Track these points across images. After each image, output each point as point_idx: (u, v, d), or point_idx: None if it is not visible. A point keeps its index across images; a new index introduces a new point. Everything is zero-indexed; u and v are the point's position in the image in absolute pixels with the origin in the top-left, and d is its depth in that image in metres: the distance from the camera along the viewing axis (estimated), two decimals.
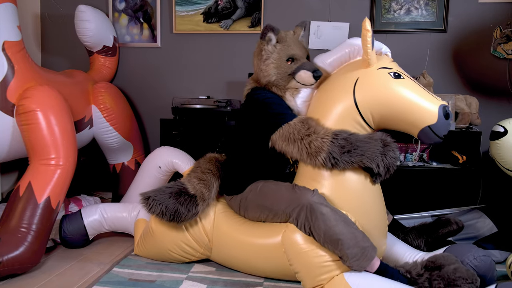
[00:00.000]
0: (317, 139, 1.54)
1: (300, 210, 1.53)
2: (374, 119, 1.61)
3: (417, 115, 1.52)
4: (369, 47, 1.54)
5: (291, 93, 1.76)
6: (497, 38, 2.55)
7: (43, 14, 3.05)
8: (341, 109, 1.62)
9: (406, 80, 1.58)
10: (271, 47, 1.74)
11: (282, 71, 1.72)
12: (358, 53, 1.69)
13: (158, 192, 1.75)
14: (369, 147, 1.52)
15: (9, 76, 1.88)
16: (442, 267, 1.47)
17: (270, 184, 1.71)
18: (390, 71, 1.58)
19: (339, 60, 1.72)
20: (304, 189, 1.59)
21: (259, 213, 1.71)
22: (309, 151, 1.56)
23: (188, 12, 2.85)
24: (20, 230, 1.70)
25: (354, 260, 1.45)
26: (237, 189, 1.78)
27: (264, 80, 1.76)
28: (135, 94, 3.00)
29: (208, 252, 1.82)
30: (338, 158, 1.52)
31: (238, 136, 1.82)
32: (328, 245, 1.48)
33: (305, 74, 1.70)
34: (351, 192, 1.59)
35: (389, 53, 1.75)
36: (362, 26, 1.54)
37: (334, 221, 1.47)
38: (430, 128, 1.51)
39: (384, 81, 1.57)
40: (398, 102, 1.54)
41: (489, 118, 2.49)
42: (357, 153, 1.51)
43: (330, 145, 1.52)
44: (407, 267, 1.51)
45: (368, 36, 1.52)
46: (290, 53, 1.73)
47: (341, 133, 1.55)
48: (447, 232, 1.83)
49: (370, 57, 1.57)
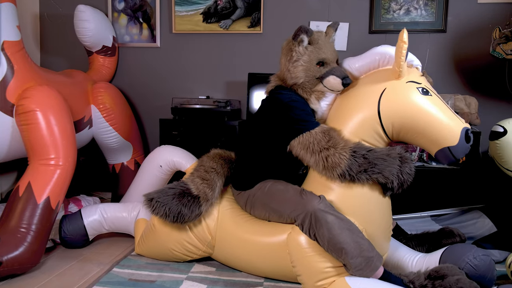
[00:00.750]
0: (335, 154, 1.52)
1: (305, 216, 1.52)
2: (394, 131, 1.59)
3: (439, 134, 1.50)
4: (402, 59, 1.50)
5: (316, 97, 1.71)
6: (496, 38, 2.55)
7: (42, 14, 3.04)
8: (363, 117, 1.59)
9: (434, 97, 1.55)
10: (302, 49, 1.67)
11: (310, 75, 1.67)
12: (389, 62, 1.64)
13: (161, 193, 1.75)
14: (387, 165, 1.50)
15: (8, 76, 1.87)
16: (445, 277, 1.46)
17: (279, 185, 1.69)
18: (419, 86, 1.56)
19: (368, 66, 1.68)
20: (311, 195, 1.57)
21: (264, 212, 1.70)
22: (326, 164, 1.54)
23: (187, 12, 2.85)
24: (19, 230, 1.69)
25: (357, 270, 1.45)
26: (246, 185, 1.76)
27: (291, 82, 1.70)
28: (135, 94, 3.00)
29: (210, 250, 1.82)
30: (354, 175, 1.51)
31: (254, 131, 1.78)
32: (332, 252, 1.48)
33: (335, 80, 1.64)
34: (360, 200, 1.58)
35: (419, 66, 1.71)
36: (398, 37, 1.49)
37: (338, 229, 1.46)
38: (450, 149, 1.50)
39: (411, 96, 1.54)
40: (423, 118, 1.52)
41: (488, 118, 2.50)
42: (374, 171, 1.50)
43: (348, 162, 1.51)
44: (410, 277, 1.50)
45: (403, 48, 1.49)
46: (321, 57, 1.67)
47: (360, 149, 1.52)
48: (450, 243, 1.81)
49: (401, 69, 1.53)
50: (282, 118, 1.65)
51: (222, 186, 1.85)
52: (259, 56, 2.82)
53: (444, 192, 2.31)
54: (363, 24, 2.70)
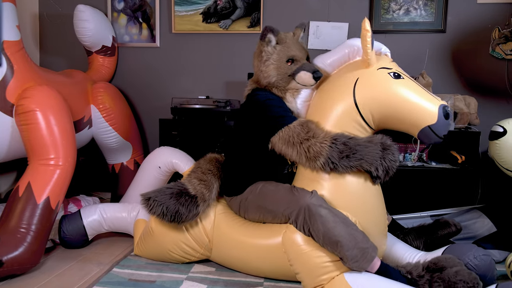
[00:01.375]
0: (316, 143, 1.54)
1: (299, 212, 1.53)
2: (374, 119, 1.62)
3: (417, 115, 1.52)
4: (368, 47, 1.55)
5: (291, 94, 1.76)
6: (496, 39, 2.55)
7: (41, 14, 3.04)
8: (341, 110, 1.62)
9: (406, 80, 1.58)
10: (271, 48, 1.73)
11: (282, 72, 1.72)
12: (358, 54, 1.68)
13: (158, 192, 1.75)
14: (368, 151, 1.52)
15: (8, 76, 1.87)
16: (443, 269, 1.46)
17: (270, 185, 1.70)
18: (390, 71, 1.59)
19: (339, 60, 1.72)
20: (303, 190, 1.59)
21: (258, 214, 1.71)
22: (308, 155, 1.56)
23: (187, 12, 2.85)
24: (19, 230, 1.69)
25: (354, 262, 1.45)
26: (237, 190, 1.78)
27: (264, 81, 1.75)
28: (134, 94, 3.00)
29: (208, 252, 1.81)
30: (337, 162, 1.53)
31: (237, 136, 1.82)
32: (328, 246, 1.48)
33: (305, 75, 1.69)
34: (351, 192, 1.59)
35: (388, 53, 1.75)
36: (361, 26, 1.54)
37: (333, 222, 1.47)
38: (430, 128, 1.51)
39: (384, 81, 1.57)
40: (398, 102, 1.55)
41: (488, 118, 2.50)
42: (356, 157, 1.52)
43: (329, 150, 1.52)
44: (408, 268, 1.51)
45: (367, 36, 1.53)
46: (290, 54, 1.72)
47: (340, 137, 1.54)
48: (446, 233, 1.84)
49: (369, 57, 1.57)
50: (260, 117, 1.69)
51: (219, 188, 1.86)
52: None
53: (443, 192, 2.31)
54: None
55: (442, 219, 1.90)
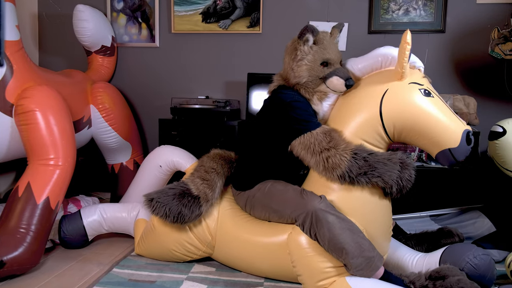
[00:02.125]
0: (336, 155, 1.52)
1: (306, 216, 1.52)
2: (396, 132, 1.59)
3: (441, 136, 1.51)
4: (405, 60, 1.50)
5: (318, 97, 1.70)
6: (495, 39, 2.56)
7: (40, 14, 3.03)
8: (365, 118, 1.59)
9: (436, 99, 1.56)
10: (307, 48, 1.66)
11: (314, 74, 1.66)
12: (391, 63, 1.64)
13: (161, 193, 1.74)
14: (387, 170, 1.50)
15: (7, 76, 1.87)
16: (446, 277, 1.46)
17: (279, 185, 1.69)
18: (421, 88, 1.56)
19: (370, 67, 1.68)
20: (312, 195, 1.57)
21: (264, 212, 1.70)
22: (326, 165, 1.54)
23: (186, 12, 2.85)
24: (19, 230, 1.69)
25: (358, 270, 1.45)
26: (246, 185, 1.76)
27: (294, 81, 1.69)
28: (134, 94, 3.00)
29: (210, 250, 1.81)
30: (353, 177, 1.51)
31: (256, 131, 1.78)
32: (333, 252, 1.48)
33: (338, 81, 1.63)
34: (361, 201, 1.58)
35: (422, 68, 1.70)
36: (402, 38, 1.49)
37: (339, 229, 1.46)
38: (450, 151, 1.50)
39: (414, 97, 1.54)
40: (425, 120, 1.52)
41: (487, 118, 2.50)
42: (374, 175, 1.50)
43: (348, 164, 1.50)
44: (411, 278, 1.50)
45: (406, 49, 1.48)
46: (325, 57, 1.66)
47: (361, 152, 1.52)
48: (449, 243, 1.82)
49: (404, 70, 1.54)
50: (283, 117, 1.65)
51: (222, 187, 1.85)
52: (258, 56, 2.82)
53: (443, 192, 2.31)
54: (362, 24, 2.70)
55: (446, 228, 1.89)
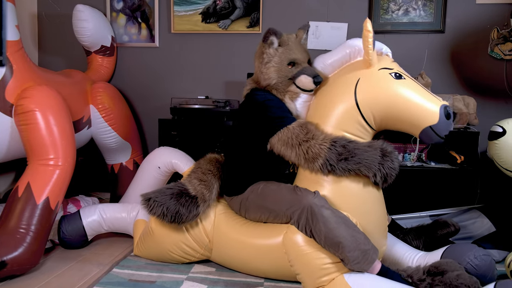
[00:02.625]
0: (315, 145, 1.54)
1: (301, 212, 1.52)
2: (376, 120, 1.61)
3: (418, 115, 1.53)
4: (370, 47, 1.55)
5: (290, 97, 1.75)
6: (495, 39, 2.56)
7: (40, 14, 3.03)
8: (343, 110, 1.62)
9: (407, 80, 1.58)
10: (272, 51, 1.72)
11: (282, 75, 1.71)
12: (359, 54, 1.68)
13: (158, 193, 1.75)
14: (367, 156, 1.52)
15: (7, 75, 1.86)
16: (445, 273, 1.46)
17: (271, 185, 1.70)
18: (391, 72, 1.59)
19: (340, 61, 1.71)
20: (306, 191, 1.58)
21: (259, 214, 1.70)
22: (306, 156, 1.56)
23: (186, 12, 2.85)
24: (19, 231, 1.68)
25: (355, 263, 1.45)
26: (237, 190, 1.77)
27: (264, 83, 1.75)
28: (133, 94, 2.99)
29: (208, 252, 1.81)
30: (335, 165, 1.53)
31: (236, 136, 1.81)
32: (329, 247, 1.48)
33: (306, 79, 1.68)
34: (352, 193, 1.59)
35: (389, 53, 1.75)
36: (363, 26, 1.54)
37: (335, 223, 1.47)
38: (432, 128, 1.51)
39: (385, 82, 1.57)
40: (400, 102, 1.55)
41: (487, 119, 2.51)
42: (355, 161, 1.52)
43: (328, 152, 1.53)
44: (409, 272, 1.51)
45: (369, 37, 1.53)
46: (291, 57, 1.71)
47: (340, 140, 1.55)
48: (445, 233, 1.85)
49: (371, 57, 1.57)
50: (259, 117, 1.69)
51: (219, 189, 1.86)
52: None
53: (442, 192, 2.31)
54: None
55: (441, 219, 1.92)
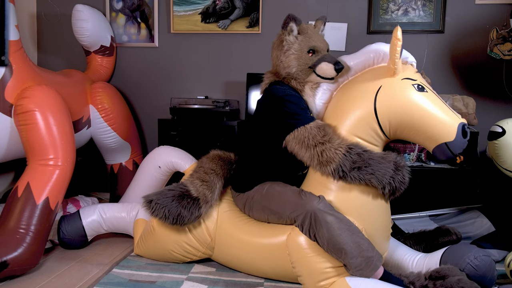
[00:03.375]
0: (330, 149, 1.52)
1: (305, 217, 1.52)
2: (391, 129, 1.60)
3: (436, 130, 1.51)
4: (397, 56, 1.51)
5: (310, 87, 1.72)
6: (494, 39, 2.57)
7: (39, 13, 3.02)
8: (359, 115, 1.59)
9: (429, 93, 1.56)
10: (292, 38, 1.69)
11: (302, 63, 1.68)
12: (383, 60, 1.65)
13: (160, 195, 1.74)
14: (380, 168, 1.50)
15: (7, 75, 1.86)
16: (446, 277, 1.46)
17: (277, 186, 1.68)
18: (414, 83, 1.56)
19: (363, 64, 1.68)
20: (310, 195, 1.57)
21: (263, 214, 1.70)
22: (320, 159, 1.54)
23: (186, 12, 2.84)
24: (18, 231, 1.68)
25: (357, 270, 1.45)
26: (244, 187, 1.76)
27: (284, 72, 1.71)
28: (133, 94, 2.99)
29: (210, 251, 1.81)
30: (347, 172, 1.51)
31: (252, 132, 1.78)
32: (332, 253, 1.48)
33: (327, 66, 1.65)
34: (359, 199, 1.58)
35: (414, 63, 1.71)
36: (392, 34, 1.50)
37: (338, 230, 1.46)
38: (447, 144, 1.50)
39: (407, 92, 1.55)
40: (419, 115, 1.52)
41: (486, 119, 2.51)
42: (367, 171, 1.50)
43: (342, 158, 1.51)
44: (410, 278, 1.51)
45: (398, 45, 1.49)
46: (311, 45, 1.68)
47: (356, 147, 1.52)
48: (446, 241, 1.84)
49: (396, 66, 1.54)
50: (276, 113, 1.65)
51: (222, 188, 1.85)
52: (257, 56, 2.82)
53: (442, 192, 2.32)
54: (362, 24, 2.70)
55: (443, 226, 1.91)
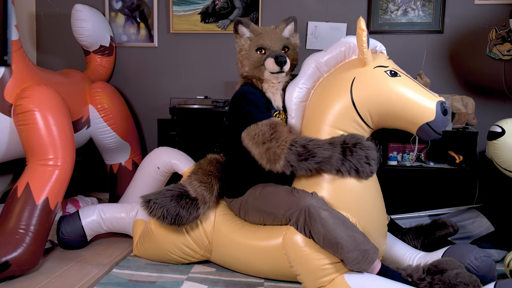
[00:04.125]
0: (275, 146, 1.55)
1: (299, 213, 1.52)
2: (373, 118, 1.61)
3: (415, 112, 1.52)
4: (364, 46, 1.54)
5: (268, 85, 1.78)
6: (493, 39, 2.57)
7: (38, 13, 3.02)
8: (339, 109, 1.61)
9: (403, 77, 1.57)
10: (243, 40, 1.80)
11: (252, 61, 1.76)
12: (354, 52, 1.68)
13: (159, 195, 1.74)
14: (327, 154, 1.51)
15: (6, 75, 1.86)
16: (444, 271, 1.46)
17: (269, 187, 1.69)
18: (387, 69, 1.58)
19: (335, 59, 1.71)
20: (303, 192, 1.58)
21: (259, 216, 1.70)
22: (268, 157, 1.57)
23: (185, 12, 2.84)
24: (18, 231, 1.68)
25: (355, 264, 1.45)
26: (237, 192, 1.77)
27: (240, 72, 1.81)
28: (132, 94, 2.98)
29: (208, 253, 1.81)
30: (295, 165, 1.54)
31: (231, 136, 1.80)
32: (328, 248, 1.48)
33: (269, 61, 1.71)
34: (350, 193, 1.59)
35: (384, 50, 1.75)
36: (356, 25, 1.53)
37: (333, 224, 1.46)
38: (429, 125, 1.51)
39: (381, 80, 1.57)
40: (396, 100, 1.54)
41: (485, 119, 2.52)
42: (315, 160, 1.52)
43: (287, 153, 1.53)
44: (408, 271, 1.51)
45: (363, 35, 1.52)
46: (259, 43, 1.76)
47: (300, 140, 1.55)
48: (444, 234, 1.86)
49: (366, 56, 1.56)
50: (235, 111, 1.73)
51: (219, 190, 1.85)
52: None
53: (441, 192, 2.32)
54: None
55: (440, 219, 1.91)
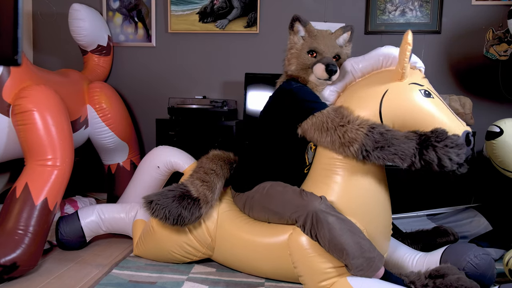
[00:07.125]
0: (351, 129, 1.50)
1: (306, 217, 1.51)
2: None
3: None
4: (406, 60, 1.50)
5: (311, 87, 1.73)
6: (490, 40, 2.59)
7: (35, 12, 3.00)
8: (364, 116, 1.58)
9: (436, 100, 1.55)
10: (297, 38, 1.76)
11: (301, 62, 1.71)
12: (392, 63, 1.64)
13: (160, 195, 1.73)
14: (403, 148, 1.45)
15: (4, 75, 1.84)
16: (445, 276, 1.47)
17: (278, 186, 1.68)
18: (421, 88, 1.55)
19: (371, 67, 1.68)
20: (312, 195, 1.56)
21: (264, 214, 1.70)
22: (342, 141, 1.51)
23: (183, 11, 2.84)
24: (17, 232, 1.67)
25: (358, 270, 1.45)
26: (245, 187, 1.76)
27: (286, 69, 1.78)
28: (130, 94, 2.98)
29: (210, 251, 1.81)
30: (370, 151, 1.48)
31: (261, 129, 1.78)
32: (333, 253, 1.48)
33: (319, 67, 1.66)
34: (360, 199, 1.58)
35: (422, 68, 1.70)
36: (403, 38, 1.49)
37: (339, 230, 1.46)
38: None
39: (413, 98, 1.54)
40: (425, 121, 1.51)
41: (483, 119, 2.54)
42: (390, 151, 1.46)
43: (364, 137, 1.48)
44: (411, 278, 1.51)
45: (407, 50, 1.48)
46: (312, 46, 1.71)
47: (378, 127, 1.50)
48: (444, 242, 1.85)
49: (405, 71, 1.53)
50: (290, 103, 1.65)
51: (222, 188, 1.84)
52: (255, 56, 2.82)
53: (439, 191, 2.33)
54: (359, 25, 2.71)
55: (442, 227, 1.92)
